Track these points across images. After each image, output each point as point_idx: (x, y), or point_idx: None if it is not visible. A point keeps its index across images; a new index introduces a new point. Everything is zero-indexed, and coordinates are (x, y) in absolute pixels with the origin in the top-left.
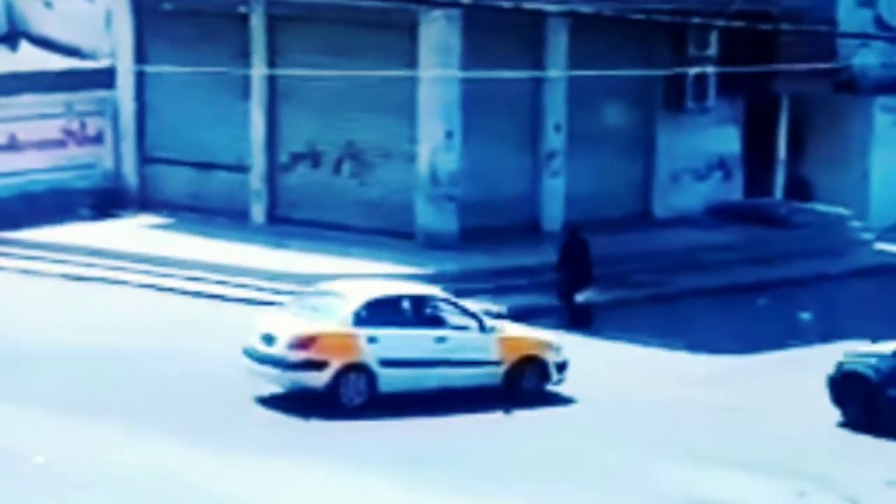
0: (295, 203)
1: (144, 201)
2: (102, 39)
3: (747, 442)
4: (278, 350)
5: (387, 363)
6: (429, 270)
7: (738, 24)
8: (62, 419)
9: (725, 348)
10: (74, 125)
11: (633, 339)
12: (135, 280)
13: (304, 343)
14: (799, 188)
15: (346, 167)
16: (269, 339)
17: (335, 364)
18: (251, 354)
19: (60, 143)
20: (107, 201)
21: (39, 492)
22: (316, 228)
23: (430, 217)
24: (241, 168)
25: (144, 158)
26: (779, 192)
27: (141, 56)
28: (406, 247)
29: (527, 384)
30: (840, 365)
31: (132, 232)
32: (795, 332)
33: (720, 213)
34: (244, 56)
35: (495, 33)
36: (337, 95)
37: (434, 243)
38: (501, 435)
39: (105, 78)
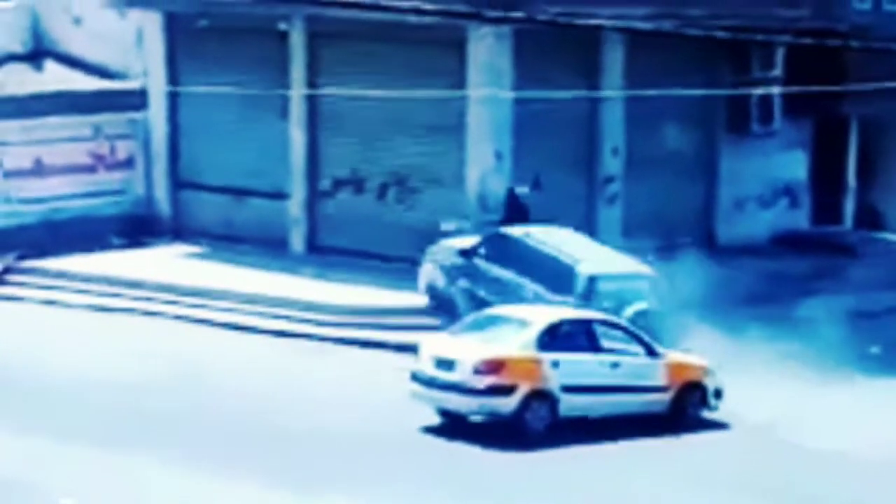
0: (336, 231)
1: (177, 229)
2: (133, 58)
3: None
4: (461, 375)
5: (568, 389)
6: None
7: (804, 41)
8: (93, 453)
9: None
10: (103, 149)
11: None
12: (166, 311)
13: (492, 367)
14: (869, 216)
15: (391, 192)
16: (446, 364)
17: (522, 389)
18: (423, 379)
19: (89, 168)
20: (137, 229)
21: None
22: (358, 258)
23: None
24: (280, 194)
25: (177, 184)
26: (848, 221)
27: (174, 76)
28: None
29: (690, 410)
30: None
31: (164, 261)
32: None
33: (786, 242)
34: (283, 75)
35: (548, 51)
36: (381, 117)
37: None
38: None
39: (136, 99)
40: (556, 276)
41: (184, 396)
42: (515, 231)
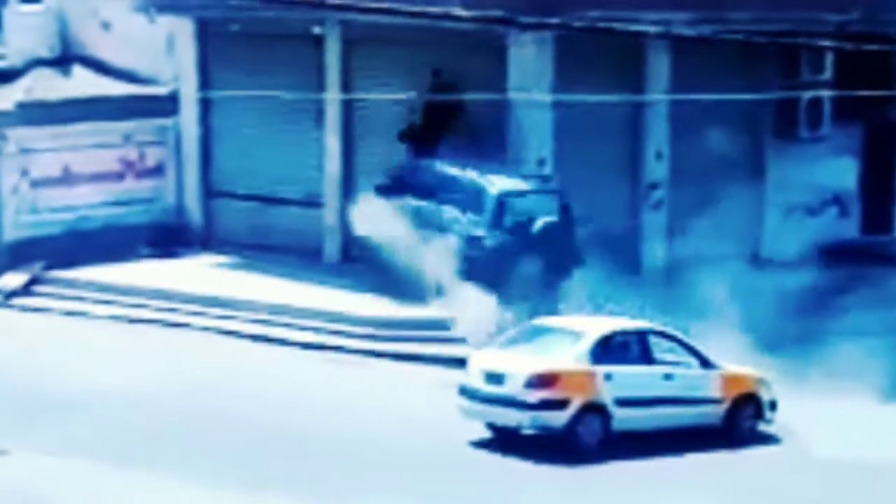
0: None
1: (208, 238)
2: (164, 63)
3: None
4: (512, 389)
5: (621, 402)
6: (514, 312)
7: (854, 45)
8: (113, 469)
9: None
10: (133, 156)
11: None
12: (195, 323)
13: (544, 381)
14: None
15: None
16: (496, 378)
17: (575, 403)
18: (471, 393)
19: (118, 176)
20: (167, 238)
21: None
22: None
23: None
24: (314, 202)
25: (208, 192)
26: None
27: (205, 81)
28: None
29: (745, 423)
30: None
31: (194, 271)
32: None
33: (834, 252)
34: (317, 81)
35: (590, 55)
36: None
37: (522, 284)
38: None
39: (166, 105)
40: (469, 199)
41: (211, 410)
42: (427, 162)
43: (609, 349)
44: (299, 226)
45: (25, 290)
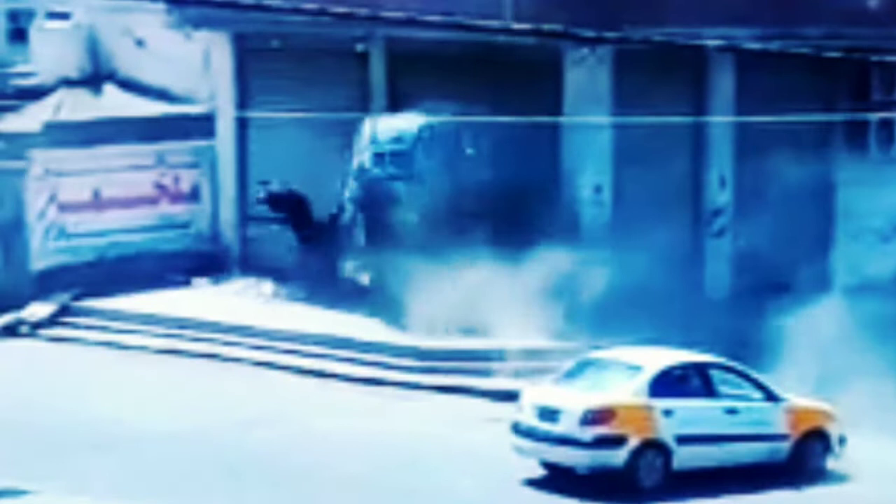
0: None
1: (246, 265)
2: (200, 82)
3: None
4: (566, 426)
5: (681, 439)
6: (569, 343)
7: None
8: None
9: None
10: (167, 179)
11: None
12: (232, 354)
13: (600, 417)
14: None
15: None
16: (549, 414)
17: (633, 440)
18: (524, 431)
19: (151, 200)
20: (202, 266)
21: None
22: None
23: (580, 284)
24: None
25: (246, 217)
26: None
27: (243, 100)
28: (547, 314)
29: (813, 460)
30: None
31: (230, 300)
32: None
33: None
34: (362, 100)
35: (651, 73)
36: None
37: (583, 315)
38: None
39: (202, 125)
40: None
41: (250, 447)
42: None
43: (668, 383)
44: None
45: (53, 320)
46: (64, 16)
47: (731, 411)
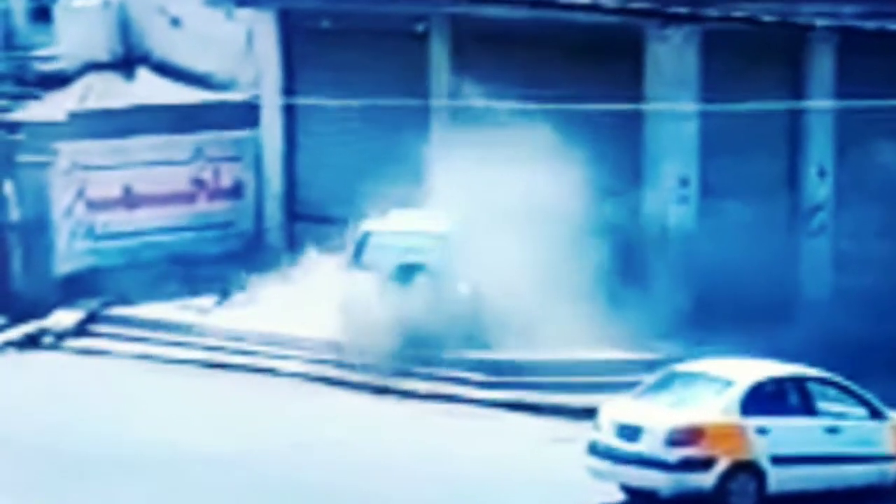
0: None
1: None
2: (242, 66)
3: None
4: (649, 446)
5: (777, 460)
6: (651, 355)
7: None
8: None
9: None
10: (206, 174)
11: None
12: (278, 368)
13: (687, 436)
14: None
15: None
16: (630, 433)
17: (724, 462)
18: (602, 452)
19: (188, 197)
20: (246, 269)
21: None
22: None
23: (659, 286)
24: None
25: (293, 215)
26: None
27: (290, 86)
28: (627, 324)
29: None
30: None
31: (276, 308)
32: None
33: None
34: (423, 86)
35: (742, 55)
36: (538, 134)
37: (668, 323)
38: None
39: (245, 114)
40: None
41: (303, 472)
42: None
43: (762, 398)
44: None
45: (80, 329)
46: None
47: (832, 430)
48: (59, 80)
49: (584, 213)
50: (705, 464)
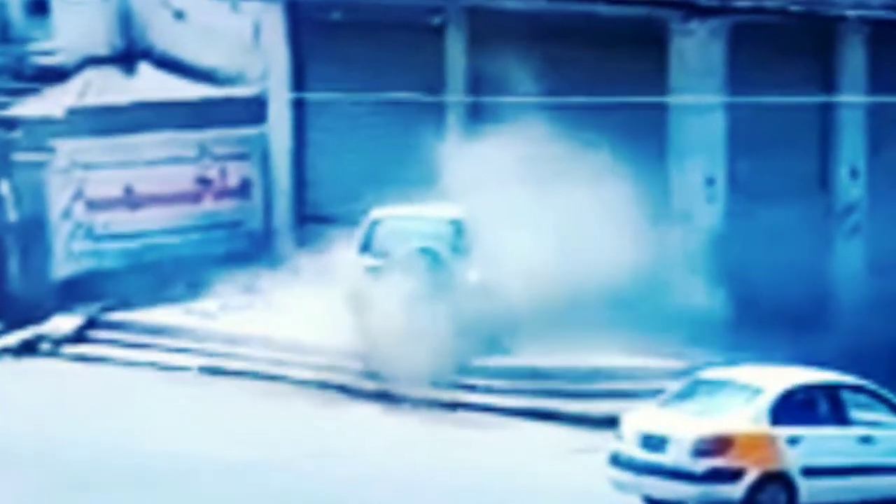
0: None
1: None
2: (249, 60)
3: None
4: (674, 456)
5: (809, 471)
6: (677, 362)
7: None
8: None
9: None
10: (211, 172)
11: None
12: (288, 374)
13: (715, 447)
14: None
15: None
16: (654, 443)
17: (752, 473)
18: (625, 462)
19: (193, 197)
20: (253, 271)
21: None
22: None
23: (689, 293)
24: None
25: (303, 216)
26: None
27: (299, 81)
28: (649, 326)
29: None
30: None
31: (285, 312)
32: None
33: None
34: (438, 81)
35: (771, 48)
36: (558, 131)
37: (695, 328)
38: None
39: (252, 110)
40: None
41: (318, 481)
42: None
43: (793, 407)
44: None
45: (80, 335)
46: None
47: (866, 439)
48: (57, 75)
49: (607, 211)
50: (734, 475)
